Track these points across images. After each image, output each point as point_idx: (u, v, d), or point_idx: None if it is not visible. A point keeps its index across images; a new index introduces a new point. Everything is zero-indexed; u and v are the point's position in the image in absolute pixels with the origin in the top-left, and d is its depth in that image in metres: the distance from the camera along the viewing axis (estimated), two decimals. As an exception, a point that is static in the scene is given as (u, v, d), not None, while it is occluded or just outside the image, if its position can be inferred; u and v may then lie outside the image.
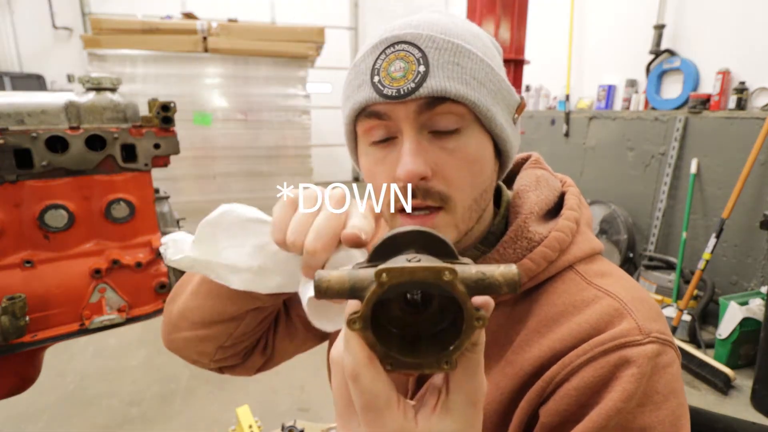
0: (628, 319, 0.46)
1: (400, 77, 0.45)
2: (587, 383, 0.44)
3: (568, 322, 0.48)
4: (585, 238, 0.54)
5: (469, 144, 0.48)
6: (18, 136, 0.78)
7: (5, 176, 0.79)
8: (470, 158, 0.48)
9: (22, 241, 0.82)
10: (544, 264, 0.51)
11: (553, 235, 0.51)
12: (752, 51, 2.69)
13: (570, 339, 0.47)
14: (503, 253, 0.52)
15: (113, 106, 0.86)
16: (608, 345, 0.45)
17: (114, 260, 0.88)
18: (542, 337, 0.49)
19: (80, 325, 0.85)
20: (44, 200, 0.82)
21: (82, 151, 0.84)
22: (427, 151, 0.47)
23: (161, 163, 0.94)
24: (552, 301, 0.50)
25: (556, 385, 0.46)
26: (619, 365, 0.44)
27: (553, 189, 0.58)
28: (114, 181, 0.88)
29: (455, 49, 0.46)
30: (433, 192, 0.47)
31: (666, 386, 0.44)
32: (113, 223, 0.89)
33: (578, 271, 0.52)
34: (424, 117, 0.46)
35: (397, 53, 0.46)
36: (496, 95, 0.48)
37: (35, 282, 0.82)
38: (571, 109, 3.92)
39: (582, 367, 0.45)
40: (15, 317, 0.75)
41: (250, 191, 3.66)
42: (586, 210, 0.58)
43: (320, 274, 0.30)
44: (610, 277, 0.52)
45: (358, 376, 0.30)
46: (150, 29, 3.19)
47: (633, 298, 0.48)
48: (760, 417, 2.12)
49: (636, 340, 0.44)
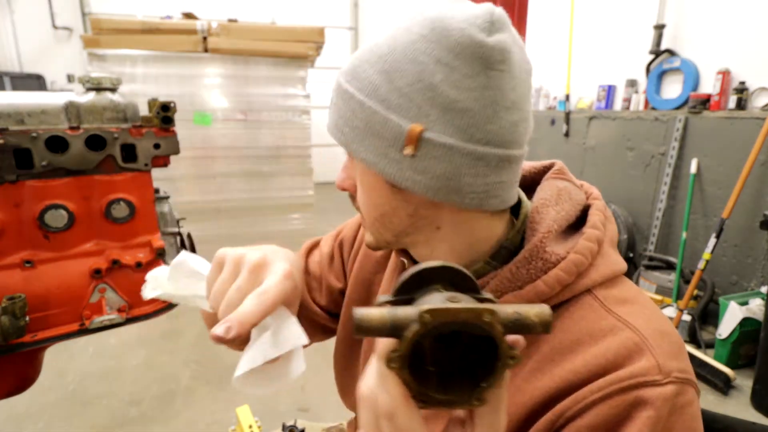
0: (647, 356, 0.43)
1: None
2: (601, 422, 0.42)
3: (583, 353, 0.45)
4: (606, 260, 0.51)
5: (358, 181, 0.55)
6: (18, 136, 0.78)
7: (5, 176, 0.79)
8: (359, 193, 0.55)
9: (22, 241, 0.82)
10: (558, 288, 0.48)
11: (571, 258, 0.48)
12: (752, 51, 2.69)
13: (585, 372, 0.44)
14: (516, 273, 0.49)
15: (113, 106, 0.86)
16: (625, 383, 0.42)
17: (114, 260, 0.88)
18: (555, 366, 0.46)
19: (80, 325, 0.85)
20: (44, 200, 0.82)
21: (82, 151, 0.84)
22: (350, 168, 0.56)
23: (161, 163, 0.94)
24: (568, 328, 0.48)
25: (566, 420, 0.44)
26: (635, 405, 0.42)
27: (576, 203, 0.55)
28: (114, 181, 0.88)
29: (339, 90, 0.51)
30: (355, 204, 0.58)
31: (683, 427, 0.42)
32: (113, 223, 0.89)
33: (597, 297, 0.49)
34: None
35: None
36: (365, 132, 0.49)
37: (35, 282, 0.82)
38: (571, 109, 3.92)
39: (596, 404, 0.43)
40: (15, 317, 0.75)
41: (249, 191, 3.65)
42: (612, 226, 0.54)
43: (360, 312, 0.30)
44: (632, 305, 0.49)
45: (395, 416, 0.30)
46: (150, 29, 3.19)
47: (654, 330, 0.46)
48: (760, 417, 2.12)
49: (655, 381, 0.42)
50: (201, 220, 3.48)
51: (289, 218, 3.76)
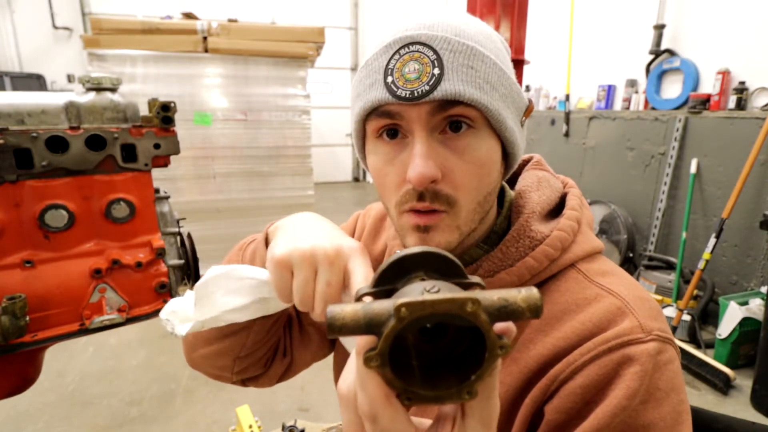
0: (630, 318, 0.47)
1: (414, 79, 0.45)
2: (592, 381, 0.45)
3: (571, 321, 0.49)
4: (586, 237, 0.55)
5: (479, 147, 0.48)
6: (18, 136, 0.78)
7: (5, 176, 0.79)
8: (479, 161, 0.48)
9: (22, 241, 0.82)
10: (546, 262, 0.52)
11: (555, 234, 0.52)
12: (752, 51, 2.69)
13: (574, 337, 0.47)
14: (506, 252, 0.53)
15: (113, 106, 0.86)
16: (612, 343, 0.45)
17: (114, 260, 0.88)
18: (546, 336, 0.49)
19: (80, 325, 0.85)
20: (44, 200, 0.82)
21: (82, 151, 0.84)
22: (438, 153, 0.47)
23: (161, 163, 0.94)
24: (555, 299, 0.51)
25: (560, 383, 0.47)
26: (622, 363, 0.45)
27: (555, 190, 0.59)
28: (114, 181, 0.88)
29: (470, 52, 0.46)
30: (441, 195, 0.48)
31: (667, 383, 0.45)
32: (113, 223, 0.89)
33: (580, 270, 0.53)
34: (436, 119, 0.47)
35: (412, 54, 0.46)
36: (506, 99, 0.49)
37: (35, 282, 0.82)
38: (571, 109, 3.92)
39: (586, 365, 0.46)
40: (15, 317, 0.75)
41: (249, 191, 3.66)
42: (587, 211, 0.58)
43: (332, 310, 0.28)
44: (612, 275, 0.52)
45: (377, 417, 0.29)
46: (150, 29, 3.19)
47: (634, 296, 0.49)
48: (760, 417, 2.12)
49: (638, 338, 0.45)
50: (201, 220, 3.48)
51: (289, 218, 3.76)
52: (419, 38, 0.46)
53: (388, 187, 0.51)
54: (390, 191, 0.51)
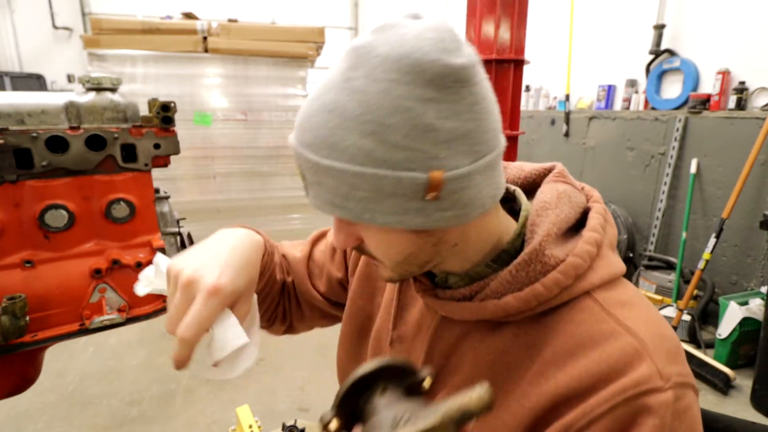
0: (647, 363, 0.45)
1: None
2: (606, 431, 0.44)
3: (585, 358, 0.47)
4: (605, 262, 0.51)
5: (369, 237, 0.51)
6: (18, 136, 0.78)
7: (5, 176, 0.79)
8: (377, 245, 0.51)
9: (23, 241, 0.82)
10: (557, 290, 0.49)
11: (570, 261, 0.49)
12: (752, 51, 2.69)
13: (587, 378, 0.46)
14: (515, 275, 0.50)
15: (113, 106, 0.86)
16: (629, 393, 0.44)
17: (114, 260, 0.88)
18: (558, 371, 0.48)
19: (80, 325, 0.85)
20: (44, 200, 0.82)
21: (82, 151, 0.84)
22: (347, 228, 0.51)
23: (161, 163, 0.94)
24: (569, 331, 0.49)
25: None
26: (639, 413, 0.43)
27: (576, 206, 0.55)
28: (114, 181, 0.88)
29: (316, 168, 0.45)
30: (366, 252, 0.53)
31: (686, 430, 0.44)
32: (113, 223, 0.89)
33: (597, 300, 0.50)
34: None
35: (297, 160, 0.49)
36: (375, 199, 0.45)
37: (35, 282, 0.82)
38: (571, 109, 3.92)
39: (603, 416, 0.44)
40: (15, 317, 0.75)
41: (249, 191, 3.66)
42: (611, 229, 0.55)
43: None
44: (631, 308, 0.49)
45: None
46: (150, 29, 3.19)
47: (653, 336, 0.47)
48: (760, 417, 2.12)
49: (657, 387, 0.44)
50: (201, 220, 3.47)
51: (289, 218, 3.76)
52: (294, 149, 0.48)
53: None
54: None
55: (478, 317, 0.52)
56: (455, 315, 0.54)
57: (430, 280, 0.60)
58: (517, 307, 0.49)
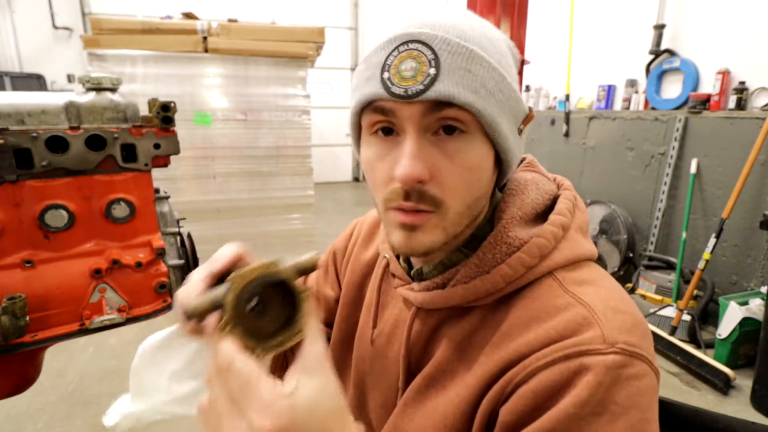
0: (594, 328, 0.45)
1: (409, 77, 0.45)
2: (544, 386, 0.44)
3: (536, 328, 0.47)
4: (572, 244, 0.52)
5: (470, 150, 0.48)
6: (18, 136, 0.78)
7: (5, 176, 0.79)
8: (469, 164, 0.48)
9: (23, 241, 0.82)
10: (522, 270, 0.50)
11: (534, 241, 0.51)
12: (752, 51, 2.69)
13: (535, 343, 0.46)
14: (482, 258, 0.52)
15: (113, 106, 0.86)
16: (568, 351, 0.44)
17: (114, 260, 0.88)
18: (511, 341, 0.48)
19: (80, 325, 0.85)
20: (44, 200, 0.82)
21: (82, 151, 0.84)
22: (428, 153, 0.47)
23: (161, 163, 0.94)
24: (526, 306, 0.50)
25: (515, 385, 0.46)
26: (576, 372, 0.43)
27: (544, 192, 0.57)
28: (114, 181, 0.88)
29: (468, 54, 0.45)
30: (428, 196, 0.48)
31: (628, 399, 0.42)
32: (113, 223, 0.89)
33: (557, 278, 0.51)
34: (428, 119, 0.46)
35: (410, 52, 0.45)
36: (503, 105, 0.48)
37: (35, 282, 0.82)
38: (571, 109, 3.92)
39: (541, 370, 0.45)
40: (15, 317, 0.75)
41: (249, 191, 3.65)
42: (581, 214, 0.56)
43: (184, 305, 0.38)
44: (590, 285, 0.50)
45: (232, 363, 0.35)
46: (150, 29, 3.19)
47: (606, 308, 0.47)
48: (760, 417, 2.12)
49: (597, 349, 0.44)
50: (201, 220, 3.48)
51: (289, 218, 3.76)
52: (419, 36, 0.45)
53: (377, 183, 0.51)
54: (379, 187, 0.51)
55: (450, 304, 0.53)
56: (428, 305, 0.55)
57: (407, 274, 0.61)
58: (485, 288, 0.51)
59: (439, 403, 0.52)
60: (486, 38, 0.48)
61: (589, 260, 0.54)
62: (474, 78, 0.45)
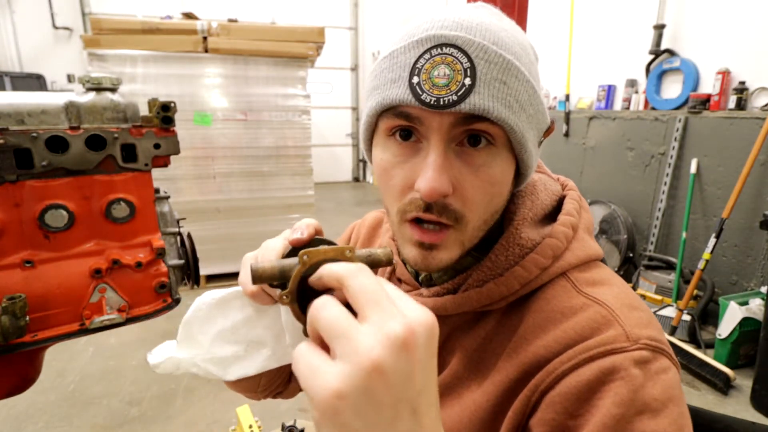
0: (615, 326, 0.44)
1: (442, 85, 0.41)
2: (573, 390, 0.43)
3: (554, 330, 0.46)
4: (582, 244, 0.52)
5: (494, 165, 0.46)
6: (18, 136, 0.78)
7: (5, 176, 0.79)
8: (492, 179, 0.46)
9: (22, 241, 0.82)
10: (537, 271, 0.49)
11: (546, 242, 0.50)
12: (752, 51, 2.69)
13: (555, 345, 0.45)
14: (495, 260, 0.51)
15: (113, 106, 0.86)
16: (593, 352, 0.43)
17: (114, 260, 0.88)
18: (529, 344, 0.47)
19: (80, 325, 0.85)
20: (44, 200, 0.82)
21: (82, 151, 0.84)
22: (452, 165, 0.45)
23: (161, 163, 0.94)
24: (541, 308, 0.49)
25: (541, 393, 0.45)
26: (608, 371, 0.42)
27: (551, 193, 0.56)
28: (114, 181, 0.88)
29: (505, 65, 0.42)
30: (450, 209, 0.46)
31: (663, 393, 0.41)
32: (113, 223, 0.89)
33: (570, 279, 0.50)
34: (457, 130, 0.44)
35: (444, 57, 0.42)
36: (532, 119, 0.46)
37: (35, 282, 0.82)
38: (571, 109, 3.92)
39: (567, 374, 0.43)
40: (15, 317, 0.75)
41: (249, 191, 3.66)
42: (587, 215, 0.56)
43: (254, 265, 0.38)
44: (602, 285, 0.49)
45: (324, 306, 0.31)
46: (150, 29, 3.19)
47: (622, 305, 0.47)
48: (760, 417, 2.12)
49: (623, 347, 0.43)
50: (201, 220, 3.48)
51: (289, 218, 3.76)
52: (454, 40, 0.42)
53: (392, 190, 0.48)
54: (394, 195, 0.48)
55: (462, 309, 0.52)
56: (439, 311, 0.53)
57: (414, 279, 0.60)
58: (500, 291, 0.50)
59: (454, 412, 0.51)
60: (519, 45, 0.45)
61: (596, 260, 0.54)
62: (509, 91, 0.43)
